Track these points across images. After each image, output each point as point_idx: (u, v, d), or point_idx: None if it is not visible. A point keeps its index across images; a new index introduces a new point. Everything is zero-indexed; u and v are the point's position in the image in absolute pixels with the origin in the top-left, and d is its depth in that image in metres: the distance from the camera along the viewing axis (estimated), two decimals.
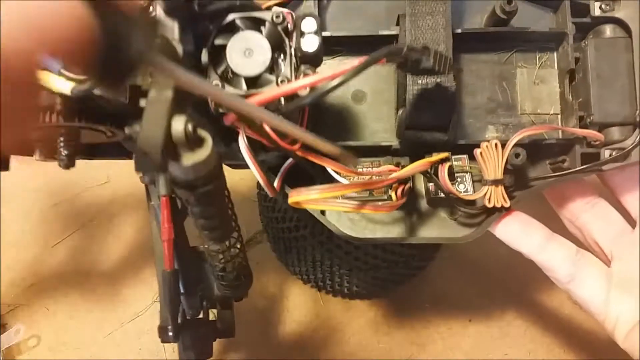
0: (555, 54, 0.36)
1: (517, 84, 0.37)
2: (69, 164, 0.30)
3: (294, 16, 0.28)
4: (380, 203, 0.33)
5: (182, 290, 0.39)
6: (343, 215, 0.36)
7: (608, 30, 0.35)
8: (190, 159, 0.22)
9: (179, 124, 0.21)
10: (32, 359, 0.55)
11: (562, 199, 0.38)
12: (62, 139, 0.29)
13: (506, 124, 0.37)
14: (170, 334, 0.38)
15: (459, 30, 0.34)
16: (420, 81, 0.32)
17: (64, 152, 0.29)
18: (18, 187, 0.70)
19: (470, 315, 0.57)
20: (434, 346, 0.55)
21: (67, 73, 0.25)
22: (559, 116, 0.37)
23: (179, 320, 0.39)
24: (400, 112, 0.34)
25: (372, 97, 0.37)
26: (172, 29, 0.23)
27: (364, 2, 0.36)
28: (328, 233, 0.48)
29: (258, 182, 0.54)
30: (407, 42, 0.31)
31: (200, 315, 0.43)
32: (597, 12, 0.34)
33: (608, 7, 0.34)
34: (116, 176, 0.68)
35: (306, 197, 0.29)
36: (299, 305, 0.59)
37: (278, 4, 0.30)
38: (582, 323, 0.55)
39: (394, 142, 0.35)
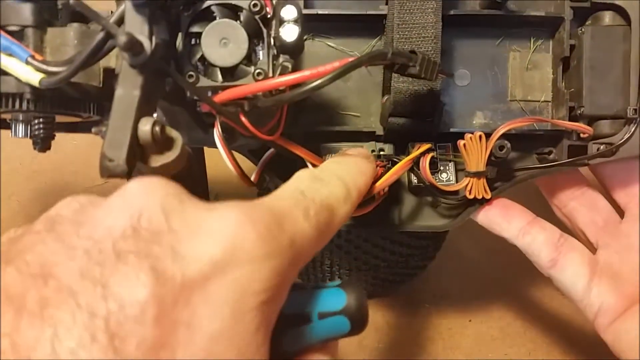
0: (550, 39, 0.36)
1: (509, 69, 0.36)
2: (44, 147, 0.29)
3: (274, 2, 0.27)
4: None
5: None
6: None
7: (607, 17, 0.34)
8: (158, 160, 0.22)
9: (146, 126, 0.21)
10: None
11: (552, 186, 0.38)
12: (36, 121, 0.29)
13: (495, 110, 0.36)
14: None
15: (452, 12, 0.34)
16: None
17: (40, 135, 0.29)
18: (18, 187, 0.70)
19: (470, 315, 0.57)
20: (434, 346, 0.55)
21: (34, 62, 0.24)
22: (550, 104, 0.36)
23: None
24: (384, 99, 0.33)
25: (358, 78, 0.36)
26: (141, 23, 0.22)
27: None
28: None
29: (259, 182, 0.54)
30: (393, 42, 0.30)
31: None
32: None
33: None
34: None
35: None
36: None
37: None
38: (582, 324, 0.55)
39: (378, 129, 0.34)
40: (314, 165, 0.32)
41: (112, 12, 0.25)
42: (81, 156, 0.69)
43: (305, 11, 0.32)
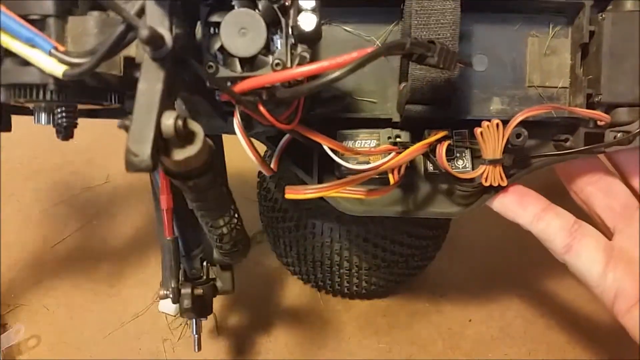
0: (570, 25, 0.35)
1: (527, 54, 0.36)
2: (67, 136, 0.30)
3: None
4: (375, 188, 0.34)
5: (183, 254, 0.41)
6: None
7: (629, 3, 0.33)
8: (181, 153, 0.23)
9: (169, 120, 0.22)
10: (32, 359, 0.56)
11: (569, 171, 0.38)
12: (59, 110, 0.29)
13: (512, 96, 0.36)
14: (170, 296, 0.40)
15: None
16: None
17: (63, 124, 0.29)
18: (18, 187, 0.72)
19: (470, 315, 0.58)
20: (434, 346, 0.56)
21: (58, 54, 0.25)
22: (567, 90, 0.36)
23: (180, 283, 0.41)
24: (401, 86, 0.33)
25: (375, 63, 0.36)
26: (162, 15, 0.23)
27: None
28: (328, 233, 0.49)
29: (259, 182, 0.55)
30: (411, 28, 0.30)
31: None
32: None
33: None
34: (116, 176, 0.70)
35: (303, 196, 0.29)
36: (299, 305, 0.60)
37: None
38: (582, 323, 0.56)
39: (394, 116, 0.35)
40: (333, 152, 0.33)
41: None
42: (81, 156, 0.71)
43: None
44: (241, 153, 0.31)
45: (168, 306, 0.57)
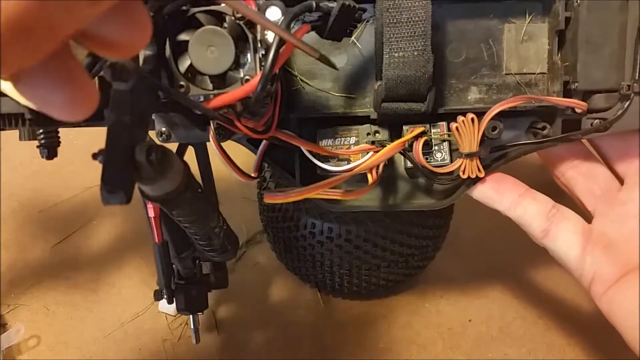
0: (546, 12, 0.36)
1: (504, 41, 0.36)
2: (50, 156, 0.31)
3: (258, 4, 0.27)
4: (353, 189, 0.35)
5: (174, 255, 0.42)
6: None
7: None
8: (157, 189, 0.23)
9: (142, 155, 0.22)
10: (32, 359, 0.57)
11: (550, 154, 0.39)
12: (40, 132, 0.30)
13: (490, 85, 0.37)
14: (165, 297, 0.42)
15: None
16: (396, 54, 0.32)
17: (46, 145, 0.30)
18: (18, 187, 0.73)
19: (470, 315, 0.58)
20: (434, 346, 0.56)
21: None
22: (545, 76, 0.36)
23: (173, 283, 0.42)
24: (377, 85, 0.34)
25: (352, 58, 0.36)
26: None
27: None
28: (328, 233, 0.50)
29: (259, 182, 0.56)
30: (383, 26, 0.30)
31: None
32: None
33: None
34: None
35: (281, 200, 0.30)
36: (299, 305, 0.60)
37: None
38: (582, 324, 0.57)
39: (372, 113, 0.35)
40: (312, 154, 0.34)
41: None
42: (81, 156, 0.71)
43: None
44: (241, 153, 0.32)
45: (168, 306, 0.58)
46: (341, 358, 0.55)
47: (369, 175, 0.34)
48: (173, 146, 0.36)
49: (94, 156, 0.23)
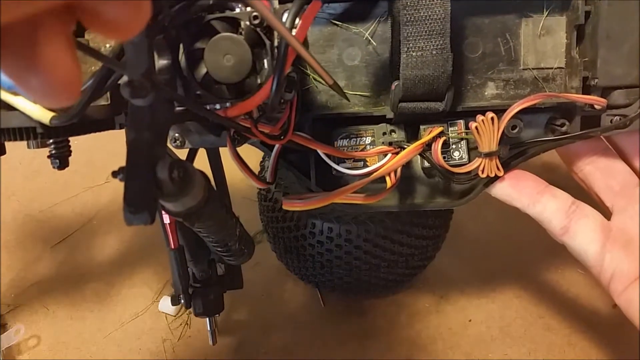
0: (565, 7, 0.35)
1: (521, 36, 0.36)
2: (62, 166, 0.31)
3: (273, 9, 0.26)
4: (372, 193, 0.34)
5: (190, 259, 0.42)
6: None
7: None
8: (179, 205, 0.23)
9: (164, 173, 0.22)
10: (32, 359, 0.57)
11: (568, 150, 0.39)
12: (50, 142, 0.30)
13: (507, 80, 0.37)
14: (183, 301, 0.42)
15: None
16: (414, 53, 0.31)
17: (56, 155, 0.30)
18: (18, 187, 0.73)
19: (470, 315, 0.59)
20: (434, 346, 0.56)
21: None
22: (563, 71, 0.36)
23: (190, 288, 0.42)
24: (393, 85, 0.34)
25: (365, 55, 0.36)
26: (143, 59, 0.23)
27: None
28: (328, 233, 0.50)
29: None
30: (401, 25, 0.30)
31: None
32: None
33: None
34: None
35: (303, 208, 0.30)
36: (299, 305, 0.61)
37: None
38: (582, 323, 0.57)
39: (388, 112, 0.35)
40: (328, 157, 0.33)
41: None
42: (81, 156, 0.71)
43: None
44: (242, 154, 0.31)
45: (168, 306, 0.59)
46: (341, 358, 0.56)
47: (387, 179, 0.34)
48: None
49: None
